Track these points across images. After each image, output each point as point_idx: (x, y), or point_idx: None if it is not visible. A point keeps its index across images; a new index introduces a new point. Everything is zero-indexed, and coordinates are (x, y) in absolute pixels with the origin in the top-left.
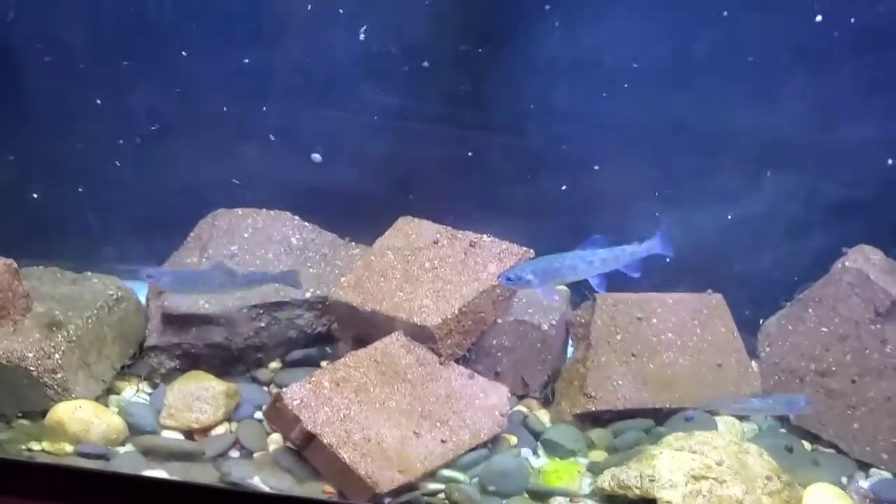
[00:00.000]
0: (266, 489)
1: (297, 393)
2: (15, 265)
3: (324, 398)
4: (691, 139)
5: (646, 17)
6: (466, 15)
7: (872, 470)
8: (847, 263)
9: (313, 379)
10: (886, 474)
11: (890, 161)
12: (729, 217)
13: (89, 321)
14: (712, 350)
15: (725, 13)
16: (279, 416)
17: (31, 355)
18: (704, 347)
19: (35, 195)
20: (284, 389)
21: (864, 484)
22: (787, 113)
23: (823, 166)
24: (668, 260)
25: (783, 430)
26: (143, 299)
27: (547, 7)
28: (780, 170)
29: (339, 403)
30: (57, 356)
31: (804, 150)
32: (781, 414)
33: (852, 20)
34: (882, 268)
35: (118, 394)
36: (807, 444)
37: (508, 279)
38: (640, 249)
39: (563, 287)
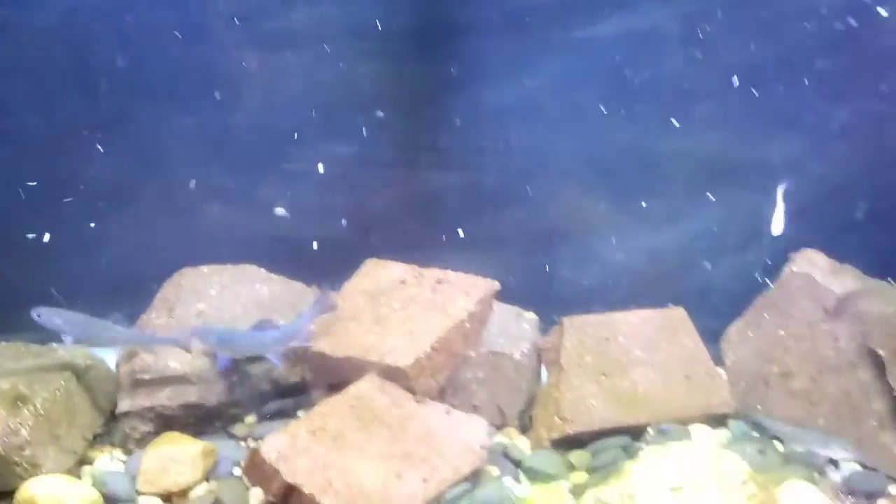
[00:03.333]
0: None
1: (275, 445)
2: None
3: (301, 448)
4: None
5: None
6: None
7: (843, 464)
8: (794, 269)
9: (290, 430)
10: (856, 467)
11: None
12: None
13: (57, 392)
14: (680, 363)
15: None
16: (258, 471)
17: None
18: (672, 361)
19: None
20: (261, 443)
21: (836, 478)
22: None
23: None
24: None
25: (755, 434)
26: (112, 365)
27: None
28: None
29: (318, 452)
30: (24, 432)
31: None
32: None
33: None
34: (826, 269)
35: (91, 464)
36: (779, 446)
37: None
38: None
39: (533, 315)
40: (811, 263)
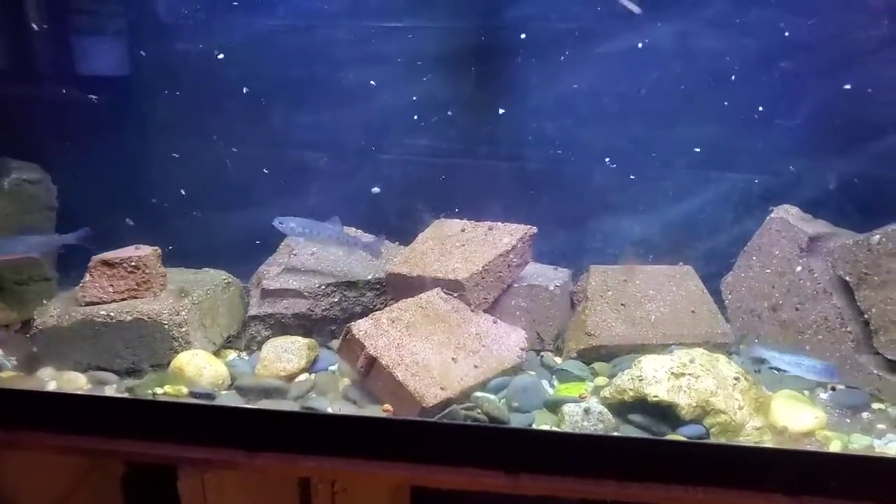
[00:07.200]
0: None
1: (363, 326)
2: (159, 251)
3: (382, 330)
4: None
5: None
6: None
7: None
8: (773, 216)
9: (374, 315)
10: (841, 387)
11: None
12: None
13: (207, 293)
14: (686, 301)
15: None
16: (348, 346)
17: (165, 312)
18: (680, 299)
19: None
20: (352, 323)
21: (823, 396)
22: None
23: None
24: None
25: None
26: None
27: None
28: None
29: (394, 335)
30: (184, 313)
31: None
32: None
33: None
34: (799, 217)
35: (224, 359)
36: (773, 373)
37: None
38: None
39: (566, 269)
40: (787, 212)
